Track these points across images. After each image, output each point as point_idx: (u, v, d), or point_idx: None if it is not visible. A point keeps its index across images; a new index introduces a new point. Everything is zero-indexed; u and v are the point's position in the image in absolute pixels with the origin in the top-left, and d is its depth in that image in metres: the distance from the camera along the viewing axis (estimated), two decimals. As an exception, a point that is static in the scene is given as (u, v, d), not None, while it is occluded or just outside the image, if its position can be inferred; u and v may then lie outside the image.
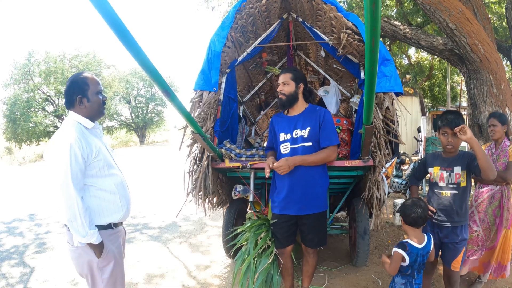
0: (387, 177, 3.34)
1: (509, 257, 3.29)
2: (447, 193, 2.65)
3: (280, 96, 2.88)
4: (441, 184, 2.68)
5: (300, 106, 2.92)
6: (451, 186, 2.64)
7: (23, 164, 20.28)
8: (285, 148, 2.85)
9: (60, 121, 27.53)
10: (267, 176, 2.81)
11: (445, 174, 2.66)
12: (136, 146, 33.47)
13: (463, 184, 2.61)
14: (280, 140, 2.88)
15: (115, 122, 34.94)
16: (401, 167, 8.17)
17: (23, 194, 9.67)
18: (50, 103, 27.61)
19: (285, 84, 2.84)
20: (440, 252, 2.82)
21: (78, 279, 3.91)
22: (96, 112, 2.16)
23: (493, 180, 3.00)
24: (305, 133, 2.79)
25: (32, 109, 25.74)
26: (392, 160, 3.38)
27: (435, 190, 2.73)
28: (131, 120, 35.85)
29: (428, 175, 2.87)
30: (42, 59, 26.41)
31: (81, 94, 2.07)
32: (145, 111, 35.99)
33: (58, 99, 27.40)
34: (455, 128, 2.45)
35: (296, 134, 2.81)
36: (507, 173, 3.03)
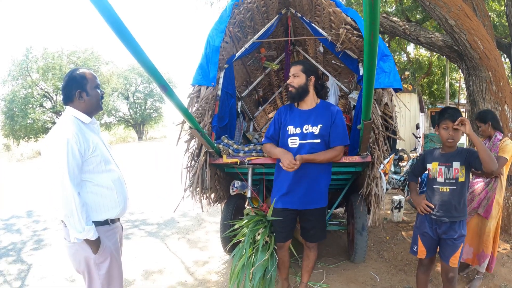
0: (385, 174, 3.33)
1: (496, 248, 3.42)
2: (446, 189, 2.64)
3: (290, 89, 2.82)
4: (440, 179, 2.68)
5: (311, 101, 2.85)
6: (450, 181, 2.63)
7: (21, 160, 20.23)
8: (293, 142, 2.79)
9: (58, 117, 27.44)
10: (291, 170, 2.64)
11: (443, 169, 2.66)
12: (135, 142, 33.38)
13: (461, 179, 2.61)
14: (289, 133, 2.82)
15: (113, 118, 34.86)
16: (400, 163, 8.18)
17: (21, 191, 9.64)
18: (48, 99, 27.52)
19: (295, 76, 2.78)
20: (438, 249, 2.82)
21: (75, 276, 3.90)
22: (94, 106, 2.16)
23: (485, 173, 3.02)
24: (316, 130, 2.74)
25: (30, 106, 25.64)
26: (390, 157, 3.36)
27: (434, 186, 2.72)
28: (129, 116, 35.76)
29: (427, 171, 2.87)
30: (40, 55, 26.29)
31: (80, 88, 2.07)
32: (143, 107, 35.89)
33: (56, 95, 27.31)
34: (456, 121, 2.50)
35: (306, 130, 2.77)
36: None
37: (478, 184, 3.42)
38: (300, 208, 2.82)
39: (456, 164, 2.61)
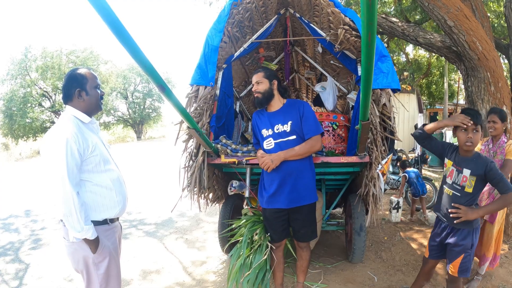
0: (383, 174, 3.33)
1: (495, 249, 3.39)
2: (450, 192, 2.55)
3: (256, 95, 2.91)
4: (448, 180, 2.58)
5: (278, 102, 2.94)
6: (456, 186, 2.51)
7: (19, 160, 20.20)
8: (268, 144, 2.85)
9: (57, 116, 27.47)
10: (265, 169, 2.78)
11: (454, 171, 2.53)
12: (133, 141, 33.38)
13: (468, 189, 2.44)
14: (264, 136, 2.89)
15: (112, 118, 34.87)
16: (398, 164, 8.18)
17: (19, 190, 9.63)
18: (47, 98, 27.52)
19: (259, 83, 2.88)
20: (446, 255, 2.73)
21: (73, 276, 3.90)
22: (94, 106, 2.16)
23: None
24: (287, 127, 2.79)
25: (29, 105, 25.63)
26: (388, 157, 3.36)
27: (443, 184, 2.64)
28: (128, 116, 35.75)
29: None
30: (39, 54, 26.30)
31: (80, 87, 2.08)
32: (142, 107, 35.89)
33: (55, 94, 27.33)
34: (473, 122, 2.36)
35: (277, 129, 2.82)
36: (504, 171, 2.99)
37: (484, 188, 3.33)
38: (287, 206, 2.80)
39: (466, 172, 2.44)
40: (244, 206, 4.39)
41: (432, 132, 2.66)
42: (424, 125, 2.73)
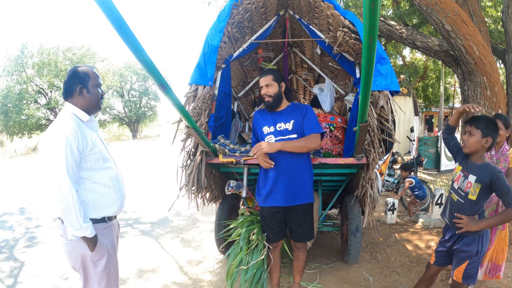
0: (381, 174, 3.35)
1: (504, 258, 3.27)
2: (455, 197, 2.55)
3: (267, 99, 2.91)
4: (455, 185, 2.57)
5: (283, 104, 2.98)
6: (460, 192, 2.50)
7: (14, 157, 20.08)
8: (269, 140, 2.86)
9: (53, 114, 27.40)
10: (258, 154, 2.74)
11: (461, 177, 2.52)
12: (129, 140, 33.31)
13: (471, 197, 2.41)
14: (264, 133, 2.92)
15: (108, 116, 34.78)
16: (393, 166, 8.23)
17: (14, 187, 9.58)
18: (42, 95, 27.40)
19: (269, 86, 2.90)
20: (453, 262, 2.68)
21: (69, 274, 3.89)
22: (94, 105, 2.17)
23: None
24: (289, 125, 2.83)
25: (25, 102, 25.53)
26: (386, 157, 3.38)
27: (450, 188, 2.63)
28: (124, 114, 35.68)
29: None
30: (36, 51, 26.22)
31: (82, 84, 2.09)
32: (138, 105, 35.83)
33: (51, 91, 27.23)
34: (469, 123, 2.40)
35: (280, 127, 2.86)
36: (508, 179, 2.84)
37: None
38: (284, 205, 2.81)
39: (472, 178, 2.42)
40: (240, 206, 4.40)
41: (456, 122, 2.71)
42: (447, 120, 2.76)
